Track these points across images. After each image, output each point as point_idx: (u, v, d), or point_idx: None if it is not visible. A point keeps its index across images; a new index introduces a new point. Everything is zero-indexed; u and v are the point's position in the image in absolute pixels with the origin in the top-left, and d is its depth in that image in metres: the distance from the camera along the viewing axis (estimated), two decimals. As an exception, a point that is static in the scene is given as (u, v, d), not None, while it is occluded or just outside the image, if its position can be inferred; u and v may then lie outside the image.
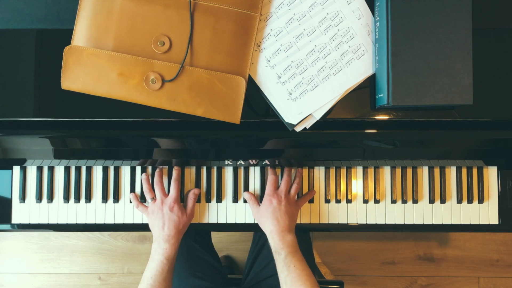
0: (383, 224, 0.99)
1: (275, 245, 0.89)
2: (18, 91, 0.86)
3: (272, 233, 0.89)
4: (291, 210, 0.92)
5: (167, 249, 0.89)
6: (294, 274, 0.85)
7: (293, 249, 0.88)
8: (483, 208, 0.99)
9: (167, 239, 0.89)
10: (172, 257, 0.90)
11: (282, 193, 0.93)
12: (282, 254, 0.87)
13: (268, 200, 0.92)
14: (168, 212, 0.91)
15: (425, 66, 0.79)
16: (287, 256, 0.87)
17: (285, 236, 0.89)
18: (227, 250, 1.72)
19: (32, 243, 1.74)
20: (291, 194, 0.94)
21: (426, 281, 1.72)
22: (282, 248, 0.87)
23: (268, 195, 0.93)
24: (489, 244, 1.73)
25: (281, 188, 0.94)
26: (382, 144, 0.90)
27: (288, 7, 0.85)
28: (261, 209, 0.93)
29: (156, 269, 0.87)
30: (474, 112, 0.86)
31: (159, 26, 0.83)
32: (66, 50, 0.83)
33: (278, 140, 0.89)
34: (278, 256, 0.88)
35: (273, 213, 0.90)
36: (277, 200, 0.91)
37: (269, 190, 0.94)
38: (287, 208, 0.91)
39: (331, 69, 0.85)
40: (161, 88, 0.83)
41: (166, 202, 0.92)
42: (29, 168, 0.98)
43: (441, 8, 0.79)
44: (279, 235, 0.88)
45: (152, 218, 0.93)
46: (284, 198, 0.92)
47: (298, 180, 0.96)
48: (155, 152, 0.92)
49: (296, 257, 0.87)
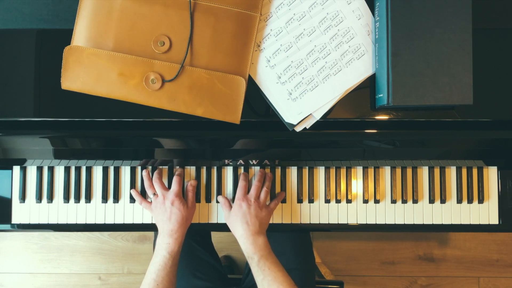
0: (383, 224, 0.99)
1: (247, 250, 0.89)
2: (18, 91, 0.86)
3: (243, 237, 0.90)
4: (261, 214, 0.92)
5: (170, 244, 0.89)
6: (270, 277, 0.85)
7: (265, 251, 0.88)
8: (483, 208, 0.99)
9: (170, 234, 0.90)
10: (176, 252, 0.90)
11: (252, 197, 0.93)
12: (255, 259, 0.87)
13: (237, 204, 0.92)
14: (170, 206, 0.91)
15: (425, 66, 0.79)
16: (260, 260, 0.87)
17: (256, 239, 0.89)
18: (227, 250, 1.72)
19: (32, 243, 1.74)
20: (261, 198, 0.94)
21: (426, 281, 1.72)
22: (254, 253, 0.88)
23: (238, 200, 0.93)
24: (489, 244, 1.73)
25: (251, 192, 0.94)
26: (382, 144, 0.90)
27: (288, 7, 0.85)
28: (231, 213, 0.93)
29: (160, 264, 0.88)
30: (474, 112, 0.86)
31: (159, 26, 0.83)
32: (66, 50, 0.83)
33: (278, 140, 0.89)
34: (251, 261, 0.88)
35: (243, 218, 0.90)
36: (247, 204, 0.92)
37: (239, 195, 0.94)
38: (257, 212, 0.91)
39: (331, 69, 0.85)
40: (161, 88, 0.83)
41: (168, 197, 0.93)
42: (29, 168, 0.98)
43: (441, 8, 0.79)
44: (250, 239, 0.89)
45: (156, 213, 0.93)
46: (254, 202, 0.92)
47: (268, 184, 0.96)
48: (155, 152, 0.92)
49: (270, 260, 0.87)
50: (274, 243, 1.07)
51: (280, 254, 1.05)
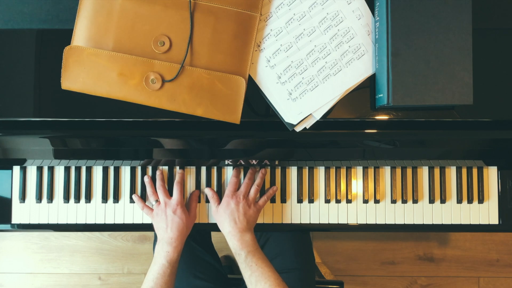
0: (383, 224, 0.99)
1: (234, 246, 0.89)
2: (18, 91, 0.86)
3: (230, 234, 0.90)
4: (250, 212, 0.92)
5: (170, 252, 0.89)
6: (257, 273, 0.85)
7: (252, 248, 0.89)
8: (483, 208, 0.99)
9: (170, 242, 0.90)
10: (175, 261, 0.90)
11: (241, 194, 0.93)
12: (242, 255, 0.88)
13: (226, 201, 0.93)
14: (171, 214, 0.91)
15: (425, 66, 0.79)
16: (247, 256, 0.87)
17: (243, 236, 0.89)
18: (227, 250, 1.72)
19: (32, 243, 1.74)
20: (251, 195, 0.94)
21: (426, 281, 1.72)
22: (241, 249, 0.88)
23: (226, 196, 0.93)
24: (489, 244, 1.72)
25: (240, 189, 0.94)
26: (382, 144, 0.90)
27: (288, 7, 0.85)
28: (219, 210, 0.94)
29: (158, 272, 0.88)
30: (474, 112, 0.86)
31: (159, 26, 0.83)
32: (66, 50, 0.83)
33: (278, 140, 0.89)
34: (239, 257, 0.88)
35: (231, 215, 0.91)
36: (235, 201, 0.92)
37: (228, 192, 0.94)
38: (245, 209, 0.92)
39: (331, 69, 0.85)
40: (161, 88, 0.83)
41: (170, 205, 0.93)
42: (29, 168, 0.98)
43: (441, 8, 0.79)
44: (237, 236, 0.89)
45: (156, 221, 0.93)
46: (243, 199, 0.92)
47: (259, 181, 0.96)
48: (155, 152, 0.92)
49: (257, 256, 0.88)
50: (274, 243, 1.07)
51: (280, 254, 1.05)
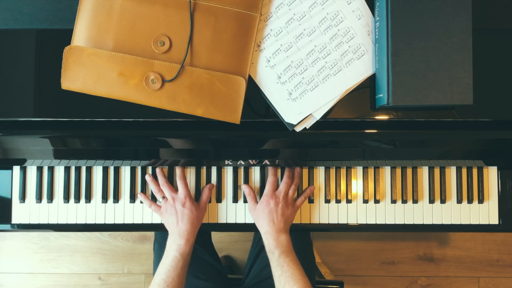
0: (383, 224, 0.99)
1: (269, 244, 0.90)
2: (18, 91, 0.86)
3: (267, 233, 0.91)
4: (288, 212, 0.93)
5: (182, 245, 0.90)
6: (287, 273, 0.86)
7: (286, 248, 0.89)
8: (483, 208, 0.99)
9: (183, 235, 0.90)
10: (187, 254, 0.90)
11: (281, 194, 0.93)
12: (275, 254, 0.88)
13: (266, 200, 0.93)
14: (181, 208, 0.92)
15: (425, 66, 0.79)
16: (280, 256, 0.88)
17: (279, 236, 0.90)
18: (227, 250, 1.72)
19: (32, 243, 1.74)
20: (289, 195, 0.95)
21: (426, 281, 1.72)
22: (275, 248, 0.89)
23: (266, 196, 0.94)
24: (489, 244, 1.72)
25: (280, 189, 0.94)
26: (382, 144, 0.90)
27: (288, 7, 0.85)
28: (258, 208, 0.94)
29: (170, 265, 0.88)
30: (474, 112, 0.86)
31: (159, 26, 0.83)
32: (66, 50, 0.83)
33: (278, 140, 0.89)
34: (272, 256, 0.89)
35: (269, 215, 0.91)
36: (275, 202, 0.92)
37: (267, 191, 0.94)
38: (284, 210, 0.92)
39: (331, 69, 0.85)
40: (161, 88, 0.83)
41: (178, 199, 0.93)
42: (29, 168, 0.98)
43: (441, 8, 0.79)
44: (274, 236, 0.90)
45: (166, 216, 0.94)
46: (282, 200, 0.93)
47: (297, 181, 0.96)
48: (154, 152, 0.92)
49: (289, 257, 0.88)
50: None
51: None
